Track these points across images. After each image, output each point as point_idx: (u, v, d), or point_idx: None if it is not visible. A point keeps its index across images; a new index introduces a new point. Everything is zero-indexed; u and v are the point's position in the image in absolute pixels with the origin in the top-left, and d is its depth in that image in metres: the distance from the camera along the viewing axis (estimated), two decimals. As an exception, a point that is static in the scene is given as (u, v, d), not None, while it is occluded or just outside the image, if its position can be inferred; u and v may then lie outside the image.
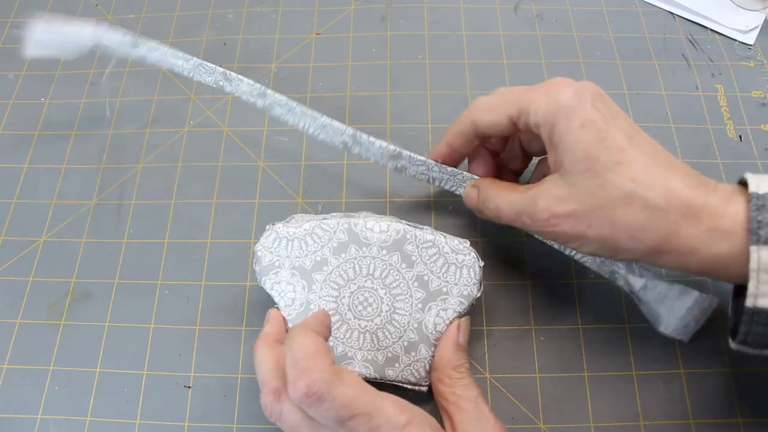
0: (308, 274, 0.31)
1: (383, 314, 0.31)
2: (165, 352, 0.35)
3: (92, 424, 0.34)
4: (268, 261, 0.32)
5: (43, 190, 0.41)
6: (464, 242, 0.32)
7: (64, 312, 0.37)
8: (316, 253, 0.31)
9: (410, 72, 0.45)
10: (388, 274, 0.31)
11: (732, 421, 0.32)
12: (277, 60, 0.46)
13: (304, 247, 0.31)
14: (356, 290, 0.31)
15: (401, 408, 0.26)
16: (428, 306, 0.31)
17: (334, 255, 0.31)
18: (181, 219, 0.39)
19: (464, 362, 0.31)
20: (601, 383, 0.34)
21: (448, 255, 0.31)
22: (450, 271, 0.31)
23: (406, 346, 0.31)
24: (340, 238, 0.31)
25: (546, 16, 0.47)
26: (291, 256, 0.31)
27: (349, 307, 0.31)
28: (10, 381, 0.35)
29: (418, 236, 0.31)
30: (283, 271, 0.31)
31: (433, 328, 0.31)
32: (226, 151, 0.42)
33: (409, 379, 0.31)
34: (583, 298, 0.36)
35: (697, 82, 0.43)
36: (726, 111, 0.42)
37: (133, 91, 0.45)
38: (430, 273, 0.31)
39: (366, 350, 0.31)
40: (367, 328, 0.31)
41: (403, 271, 0.31)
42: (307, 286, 0.31)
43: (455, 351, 0.31)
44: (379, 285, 0.31)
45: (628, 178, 0.26)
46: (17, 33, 0.39)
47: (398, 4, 0.48)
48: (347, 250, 0.31)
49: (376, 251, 0.31)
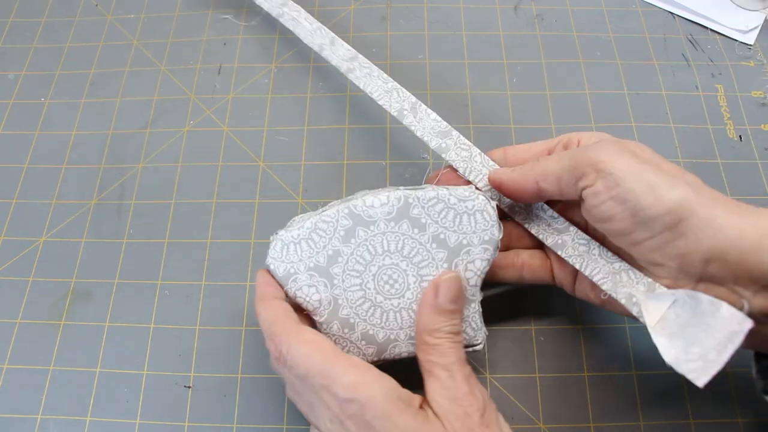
0: (325, 270, 0.30)
1: (412, 287, 0.30)
2: (165, 352, 0.35)
3: (92, 424, 0.34)
4: (283, 271, 0.30)
5: (43, 190, 0.41)
6: (468, 188, 0.30)
7: (64, 312, 0.37)
8: (326, 248, 0.30)
9: (410, 72, 0.45)
10: (403, 245, 0.30)
11: (732, 421, 0.32)
12: (277, 60, 0.46)
13: (312, 245, 0.30)
14: (378, 271, 0.30)
15: (353, 369, 0.26)
16: (454, 263, 0.30)
17: (344, 244, 0.30)
18: (181, 219, 0.39)
19: (442, 326, 0.28)
20: (601, 383, 0.34)
21: (457, 206, 0.30)
22: (464, 221, 0.30)
23: None
24: (345, 225, 0.30)
25: (546, 16, 0.47)
26: (303, 258, 0.30)
27: (376, 290, 0.30)
28: (10, 381, 0.35)
29: (420, 197, 0.30)
30: (301, 276, 0.30)
31: (467, 284, 0.30)
32: (226, 151, 0.42)
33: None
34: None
35: (697, 82, 0.43)
36: (726, 111, 0.42)
37: (133, 91, 0.45)
38: (445, 230, 0.30)
39: (407, 328, 0.30)
40: (401, 305, 0.30)
41: (417, 236, 0.30)
42: (328, 283, 0.30)
43: (430, 314, 0.28)
44: (399, 258, 0.30)
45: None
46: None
47: (398, 4, 0.48)
48: (355, 235, 0.30)
49: (383, 226, 0.30)
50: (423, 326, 0.29)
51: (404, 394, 0.26)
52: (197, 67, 0.46)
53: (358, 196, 0.31)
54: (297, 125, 0.43)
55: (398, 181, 0.40)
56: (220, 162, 0.41)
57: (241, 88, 0.44)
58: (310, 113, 0.43)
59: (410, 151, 0.41)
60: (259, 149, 0.42)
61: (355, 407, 0.25)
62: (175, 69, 0.46)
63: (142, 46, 0.47)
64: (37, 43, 0.48)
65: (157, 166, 0.42)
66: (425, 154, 0.41)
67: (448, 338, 0.28)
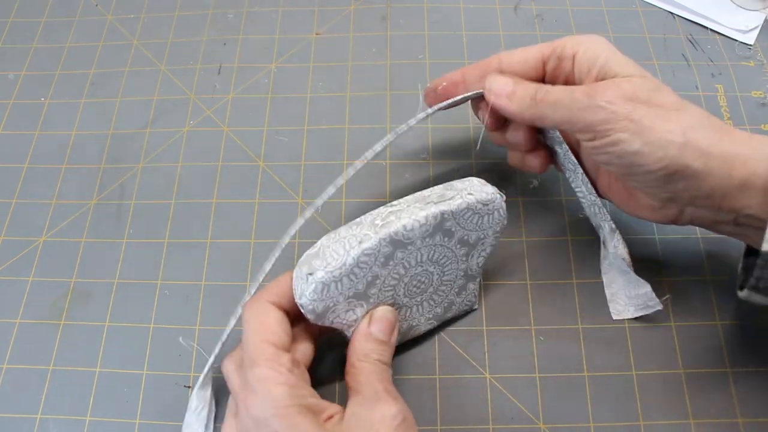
0: (363, 294, 0.30)
1: (434, 282, 0.32)
2: (165, 352, 0.35)
3: (92, 424, 0.34)
4: (323, 308, 0.29)
5: (43, 190, 0.41)
6: (490, 190, 0.31)
7: (64, 312, 0.37)
8: (366, 276, 0.29)
9: (410, 72, 0.45)
10: (434, 253, 0.31)
11: (732, 421, 0.32)
12: (277, 60, 0.46)
13: (353, 278, 0.29)
14: (409, 281, 0.31)
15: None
16: (471, 254, 0.32)
17: (382, 268, 0.29)
18: (181, 219, 0.39)
19: (370, 353, 0.29)
20: (601, 383, 0.34)
21: (481, 210, 0.30)
22: (484, 221, 0.31)
23: (457, 291, 0.34)
24: (385, 252, 0.29)
25: (546, 16, 0.47)
26: (343, 291, 0.29)
27: (405, 294, 0.31)
28: (10, 381, 0.35)
29: (455, 212, 0.30)
30: (340, 306, 0.29)
31: (477, 267, 0.33)
32: (226, 151, 0.42)
33: (464, 311, 0.35)
34: (582, 298, 0.36)
35: (697, 82, 0.43)
36: (726, 111, 0.42)
37: (133, 91, 0.45)
38: (468, 231, 0.31)
39: (426, 312, 0.33)
40: (423, 298, 0.32)
41: (446, 243, 0.31)
42: (365, 303, 0.30)
43: (362, 341, 0.29)
44: (428, 265, 0.31)
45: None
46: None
47: (398, 4, 0.48)
48: (394, 257, 0.29)
49: (419, 243, 0.30)
50: (353, 351, 0.29)
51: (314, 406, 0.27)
52: (197, 67, 0.46)
53: (392, 217, 0.29)
54: (297, 125, 0.43)
55: (398, 181, 0.40)
56: (220, 162, 0.41)
57: (241, 88, 0.44)
58: (310, 113, 0.43)
59: (410, 151, 0.41)
60: (259, 149, 0.42)
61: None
62: (175, 69, 0.46)
63: (142, 46, 0.47)
64: (37, 43, 0.48)
65: (157, 166, 0.42)
66: (425, 154, 0.41)
67: (374, 364, 0.29)
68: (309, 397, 0.27)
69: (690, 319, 0.35)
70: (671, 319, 0.35)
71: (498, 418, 0.32)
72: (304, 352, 0.30)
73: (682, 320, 0.35)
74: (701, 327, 0.35)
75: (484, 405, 0.33)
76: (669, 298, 0.35)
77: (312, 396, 0.27)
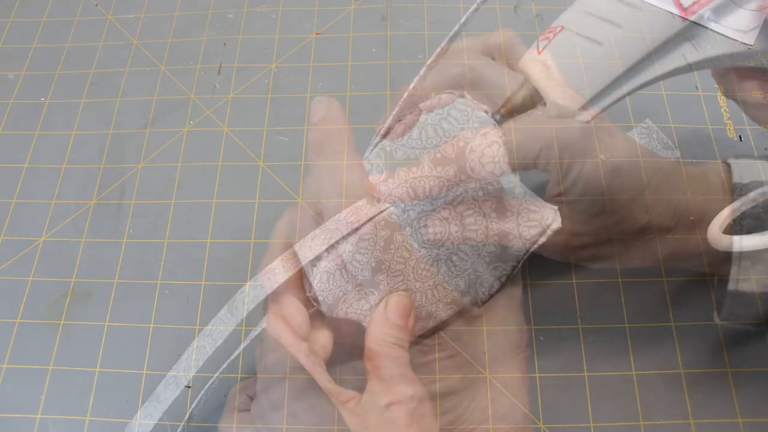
0: (371, 281, 0.29)
1: (443, 269, 0.30)
2: (165, 352, 0.35)
3: (91, 424, 0.34)
4: (333, 298, 0.29)
5: (43, 190, 0.41)
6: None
7: (64, 312, 0.37)
8: (370, 261, 0.29)
9: (410, 72, 0.44)
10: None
11: (732, 421, 0.32)
12: (277, 60, 0.46)
13: (356, 264, 0.28)
14: (415, 264, 0.30)
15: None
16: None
17: (384, 252, 0.29)
18: (181, 219, 0.39)
19: (387, 337, 0.28)
20: (601, 383, 0.34)
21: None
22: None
23: (470, 276, 0.31)
24: (383, 235, 0.29)
25: (546, 16, 0.47)
26: (350, 279, 0.29)
27: (415, 278, 0.30)
28: (10, 381, 0.35)
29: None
30: (350, 295, 0.29)
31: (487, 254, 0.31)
32: (226, 151, 0.42)
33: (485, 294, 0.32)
34: (583, 298, 0.36)
35: (697, 82, 0.43)
36: (726, 111, 0.42)
37: (133, 91, 0.45)
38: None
39: (443, 298, 0.31)
40: (436, 282, 0.30)
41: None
42: (375, 290, 0.29)
43: (380, 326, 0.29)
44: (432, 247, 0.30)
45: None
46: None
47: (398, 4, 0.48)
48: (393, 241, 0.29)
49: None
50: (370, 336, 0.29)
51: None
52: (197, 67, 0.46)
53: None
54: (297, 125, 0.43)
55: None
56: (220, 162, 0.41)
57: (241, 88, 0.44)
58: (310, 113, 0.43)
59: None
60: (259, 149, 0.42)
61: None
62: (175, 69, 0.46)
63: (142, 46, 0.47)
64: (37, 43, 0.48)
65: (157, 166, 0.42)
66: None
67: (392, 348, 0.28)
68: (326, 382, 0.27)
69: (689, 319, 0.35)
70: (671, 319, 0.35)
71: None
72: (323, 345, 0.30)
73: (681, 320, 0.35)
74: (701, 327, 0.35)
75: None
76: (669, 298, 0.35)
77: (329, 382, 0.27)
